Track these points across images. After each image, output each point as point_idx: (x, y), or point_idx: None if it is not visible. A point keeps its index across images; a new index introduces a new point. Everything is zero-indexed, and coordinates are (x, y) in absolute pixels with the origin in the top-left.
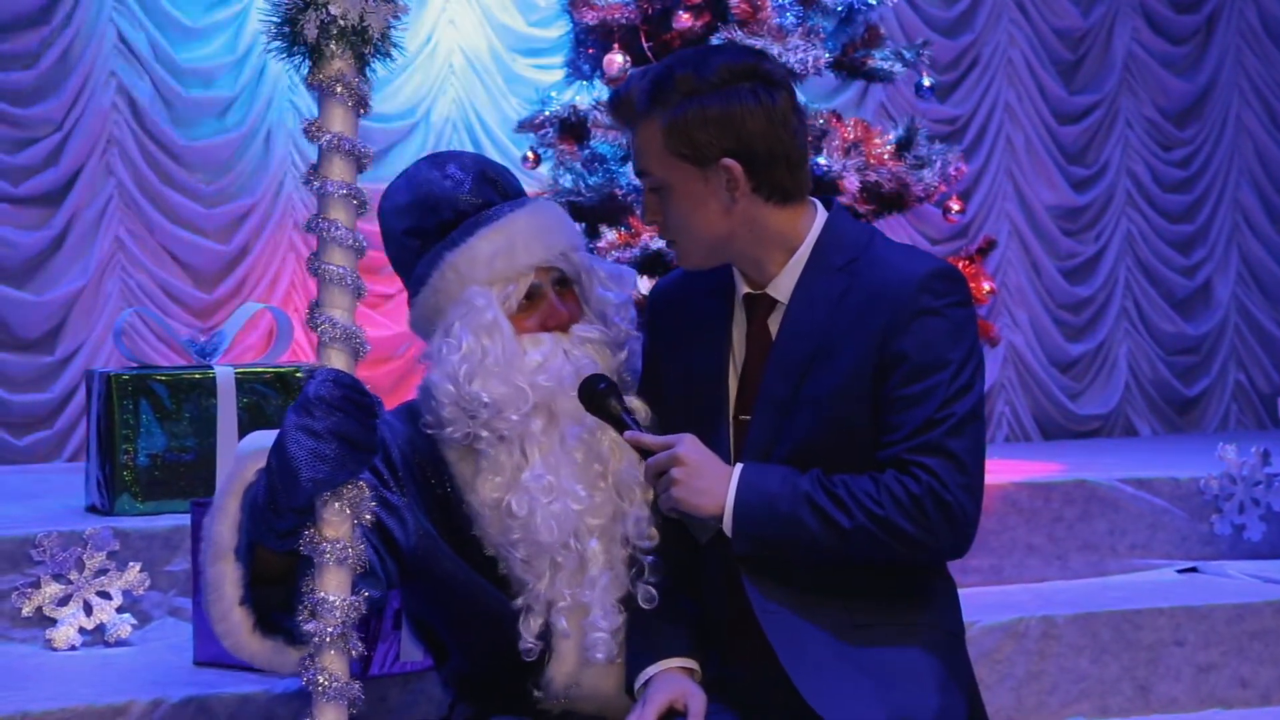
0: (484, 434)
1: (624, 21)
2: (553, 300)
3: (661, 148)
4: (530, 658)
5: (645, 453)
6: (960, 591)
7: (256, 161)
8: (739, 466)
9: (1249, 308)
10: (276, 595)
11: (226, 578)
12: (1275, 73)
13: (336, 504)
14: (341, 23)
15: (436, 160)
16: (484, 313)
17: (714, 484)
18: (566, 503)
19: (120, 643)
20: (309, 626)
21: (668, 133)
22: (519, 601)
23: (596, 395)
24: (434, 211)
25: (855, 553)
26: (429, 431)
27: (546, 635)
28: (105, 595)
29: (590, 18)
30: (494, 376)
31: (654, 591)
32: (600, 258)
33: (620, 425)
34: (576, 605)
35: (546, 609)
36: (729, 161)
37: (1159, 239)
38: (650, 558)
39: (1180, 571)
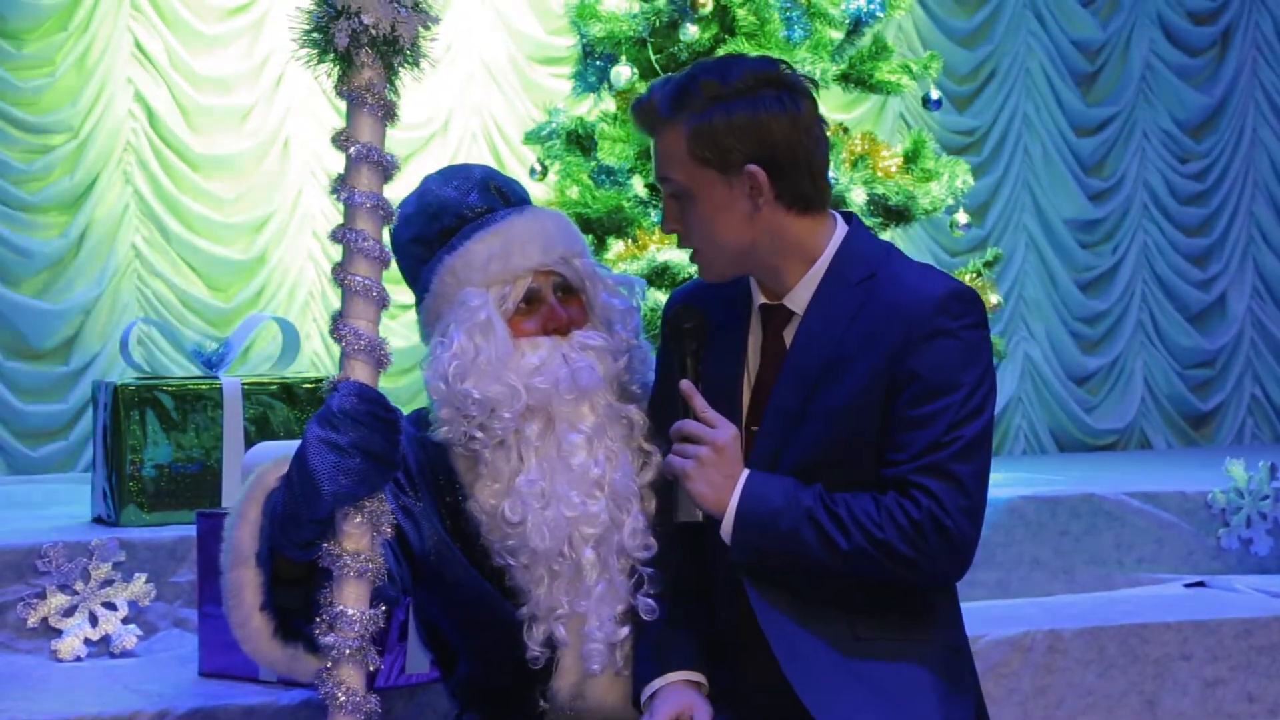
0: (478, 435)
1: (631, 34)
2: (552, 304)
3: (685, 153)
4: (537, 665)
5: (689, 412)
6: (966, 605)
7: (275, 170)
8: (744, 474)
9: (1264, 322)
10: (295, 598)
11: (246, 584)
12: None
13: (358, 517)
14: (373, 32)
15: (446, 173)
16: (477, 313)
17: (727, 483)
18: (560, 509)
19: (125, 654)
20: (327, 640)
21: (692, 138)
22: (524, 610)
23: (681, 332)
24: (437, 219)
25: (852, 572)
26: (431, 435)
27: (552, 644)
28: (111, 606)
29: (598, 30)
30: (486, 375)
31: (653, 604)
32: (607, 266)
33: (683, 369)
34: (574, 614)
35: (548, 617)
36: (754, 168)
37: (1175, 252)
38: (649, 569)
39: (1187, 586)
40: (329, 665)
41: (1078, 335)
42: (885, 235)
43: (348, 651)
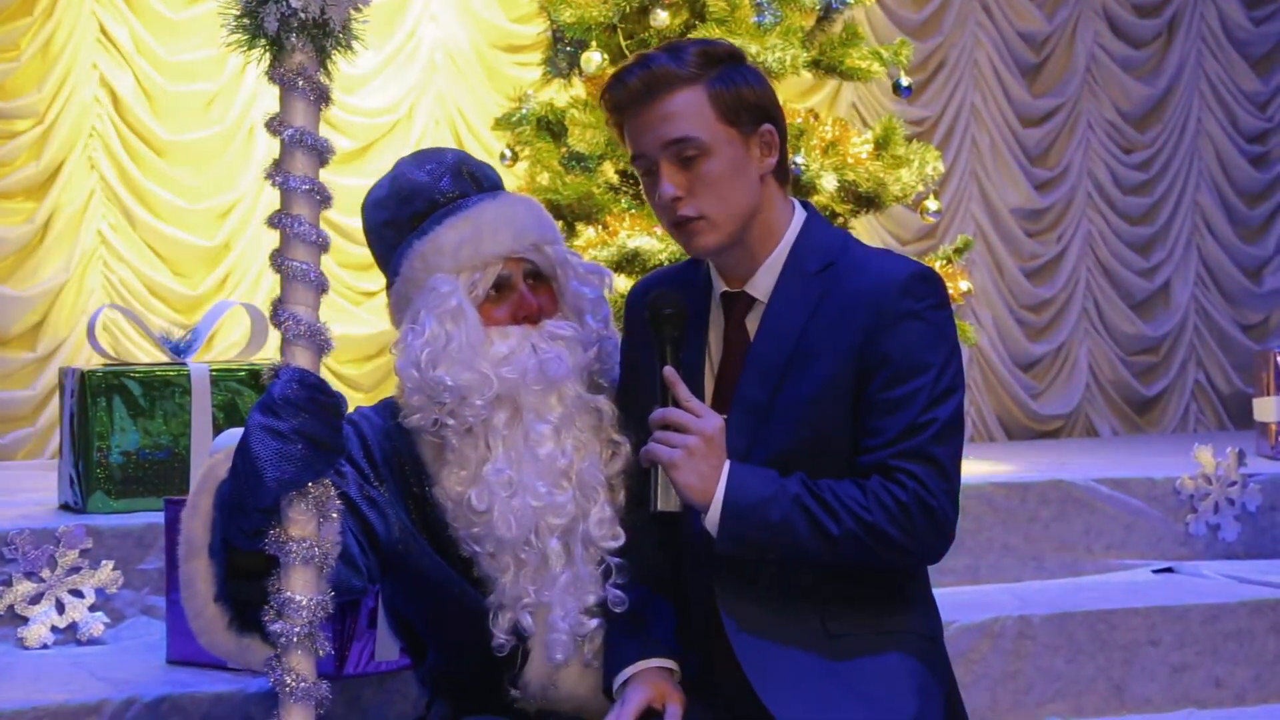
0: (450, 422)
1: (602, 20)
2: (523, 291)
3: (708, 110)
4: (502, 653)
5: (669, 400)
6: (936, 591)
7: (240, 156)
8: (727, 464)
9: (1208, 309)
10: (255, 591)
11: (200, 575)
12: (1234, 76)
13: (302, 503)
14: (302, 15)
15: (418, 156)
16: (448, 299)
17: (713, 474)
18: (526, 499)
19: (93, 641)
20: (275, 627)
21: (717, 96)
22: (491, 598)
23: (661, 318)
24: (408, 203)
25: (839, 558)
26: (401, 421)
27: (519, 632)
28: (78, 593)
29: (568, 16)
30: (458, 362)
31: (622, 595)
32: (577, 254)
33: (664, 358)
34: (539, 604)
35: (514, 605)
36: (769, 127)
37: (1119, 240)
38: (617, 559)
39: (1155, 572)
40: (278, 653)
41: (1023, 322)
42: (853, 222)
43: (296, 638)
